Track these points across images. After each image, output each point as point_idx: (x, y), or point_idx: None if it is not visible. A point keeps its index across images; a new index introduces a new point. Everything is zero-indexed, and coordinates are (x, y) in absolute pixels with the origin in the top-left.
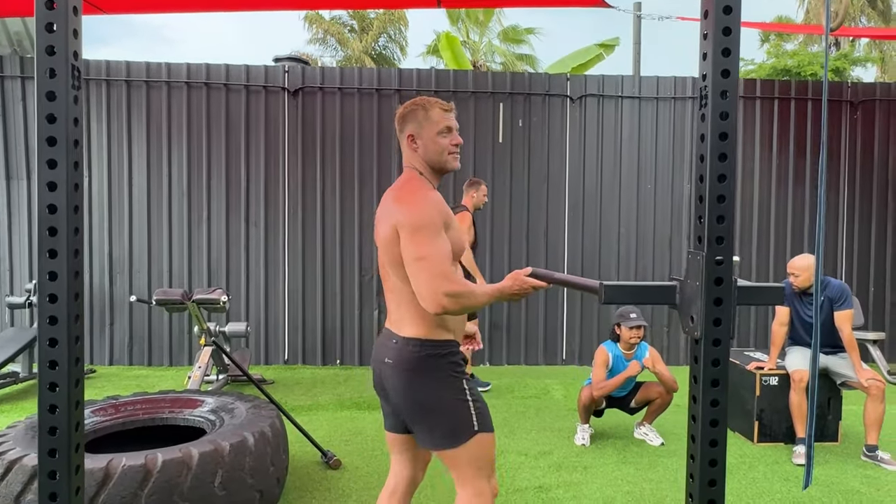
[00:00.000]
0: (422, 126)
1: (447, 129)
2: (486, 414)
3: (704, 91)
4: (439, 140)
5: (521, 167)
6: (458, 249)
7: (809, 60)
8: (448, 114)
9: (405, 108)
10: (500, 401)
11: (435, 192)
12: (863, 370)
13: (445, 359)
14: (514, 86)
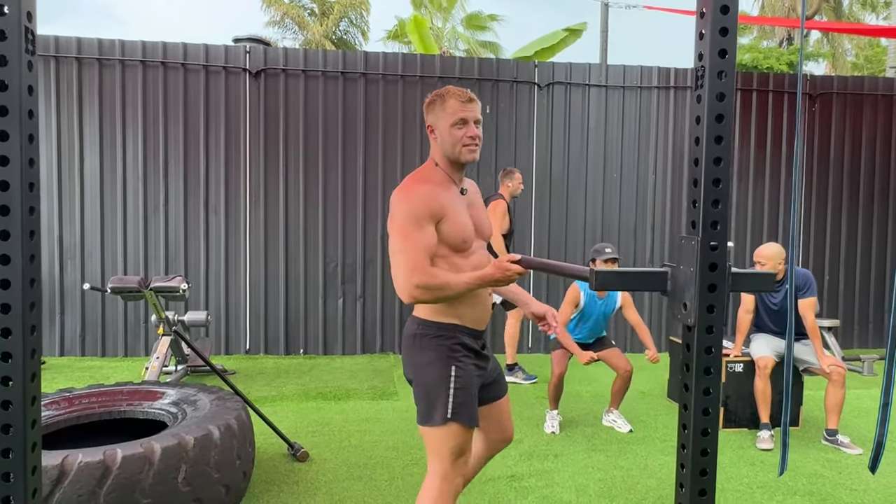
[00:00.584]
0: (438, 117)
1: (461, 120)
2: (466, 405)
3: (700, 72)
4: (453, 132)
5: (489, 154)
6: (455, 239)
7: (765, 55)
8: (465, 105)
9: (428, 99)
10: None
11: (428, 186)
12: (825, 356)
13: (438, 340)
14: (481, 72)
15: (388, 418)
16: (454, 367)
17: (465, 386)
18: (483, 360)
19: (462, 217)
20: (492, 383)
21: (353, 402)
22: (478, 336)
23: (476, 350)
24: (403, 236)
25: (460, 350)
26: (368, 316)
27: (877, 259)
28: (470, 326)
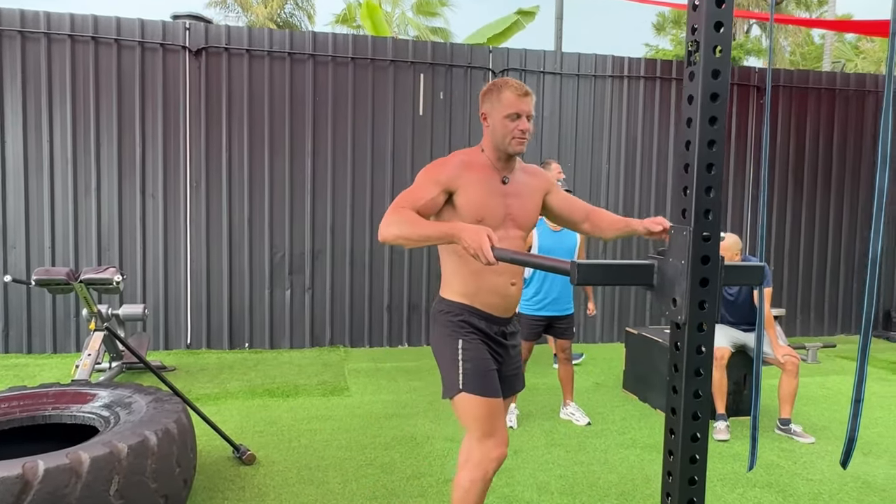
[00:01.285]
0: (493, 107)
1: (515, 114)
2: (477, 376)
3: (694, 46)
4: (506, 123)
5: (443, 141)
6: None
7: None
8: (521, 98)
9: (485, 87)
10: (423, 382)
11: (455, 159)
12: (780, 346)
13: (447, 316)
14: (435, 56)
15: (340, 415)
16: (460, 340)
17: (474, 359)
18: (499, 347)
19: (485, 198)
20: (510, 377)
21: (303, 399)
22: (494, 321)
23: (488, 334)
24: (413, 187)
25: (466, 327)
26: (317, 308)
27: (819, 249)
28: (483, 310)
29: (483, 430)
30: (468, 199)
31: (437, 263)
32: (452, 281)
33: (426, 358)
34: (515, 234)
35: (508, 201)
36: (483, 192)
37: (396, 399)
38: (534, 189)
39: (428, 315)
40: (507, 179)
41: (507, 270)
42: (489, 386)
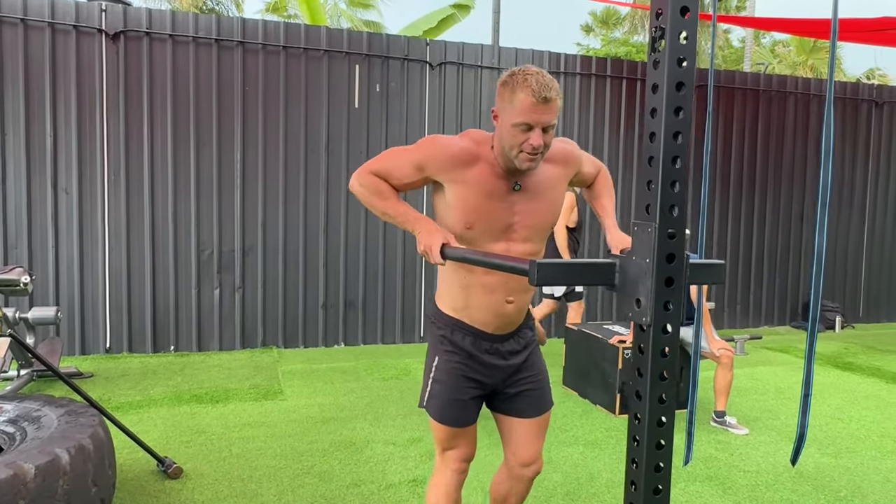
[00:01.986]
0: (503, 108)
1: (525, 125)
2: (438, 398)
3: (658, 33)
4: (514, 133)
5: (379, 135)
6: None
7: (638, 49)
8: (538, 105)
9: (504, 76)
10: (360, 384)
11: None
12: (715, 340)
13: (433, 327)
14: (371, 47)
15: (274, 421)
16: (437, 357)
17: (442, 381)
18: (488, 367)
19: (480, 203)
20: (514, 396)
21: (233, 405)
22: (486, 338)
23: (472, 354)
24: (392, 150)
25: (446, 344)
26: (248, 307)
27: (744, 244)
28: (472, 325)
29: (443, 446)
30: (458, 199)
31: (374, 260)
32: (443, 290)
33: (363, 358)
34: (521, 250)
35: (517, 208)
36: (478, 195)
37: (334, 402)
38: (556, 182)
39: (365, 313)
40: (519, 186)
41: (503, 287)
42: (450, 413)
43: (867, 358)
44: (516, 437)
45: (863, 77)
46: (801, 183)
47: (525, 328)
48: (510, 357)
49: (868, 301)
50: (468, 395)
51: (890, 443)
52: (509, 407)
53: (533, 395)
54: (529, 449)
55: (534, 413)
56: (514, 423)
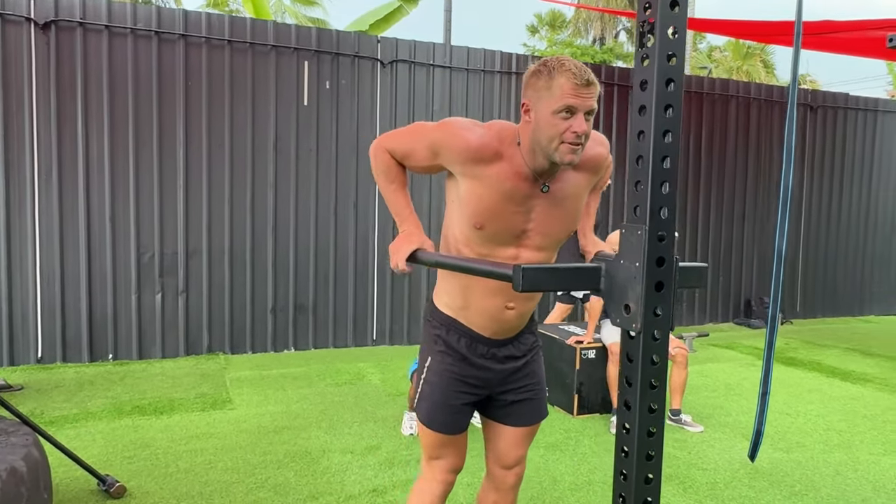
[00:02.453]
0: (540, 96)
1: (568, 108)
2: (428, 401)
3: (647, 27)
4: (555, 121)
5: (329, 133)
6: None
7: (582, 52)
8: (580, 89)
9: (533, 68)
10: (313, 390)
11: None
12: (670, 339)
13: (428, 325)
14: (320, 43)
15: (223, 432)
16: (430, 358)
17: (433, 382)
18: (484, 371)
19: (496, 205)
20: (512, 404)
21: (179, 416)
22: (482, 342)
23: (467, 357)
24: (414, 127)
25: (440, 344)
26: (193, 312)
27: (689, 242)
28: (469, 327)
29: (429, 454)
30: (472, 195)
31: (324, 261)
32: (442, 287)
33: (315, 362)
34: (533, 257)
35: (534, 214)
36: (495, 194)
37: (286, 410)
38: (581, 189)
39: (315, 316)
40: (548, 187)
41: (503, 292)
42: (439, 418)
43: (807, 353)
44: (503, 443)
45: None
46: (743, 183)
47: (527, 333)
48: (506, 361)
49: (804, 297)
50: (460, 401)
51: (836, 436)
52: (504, 414)
53: (530, 404)
54: (514, 452)
55: (527, 422)
56: (505, 431)
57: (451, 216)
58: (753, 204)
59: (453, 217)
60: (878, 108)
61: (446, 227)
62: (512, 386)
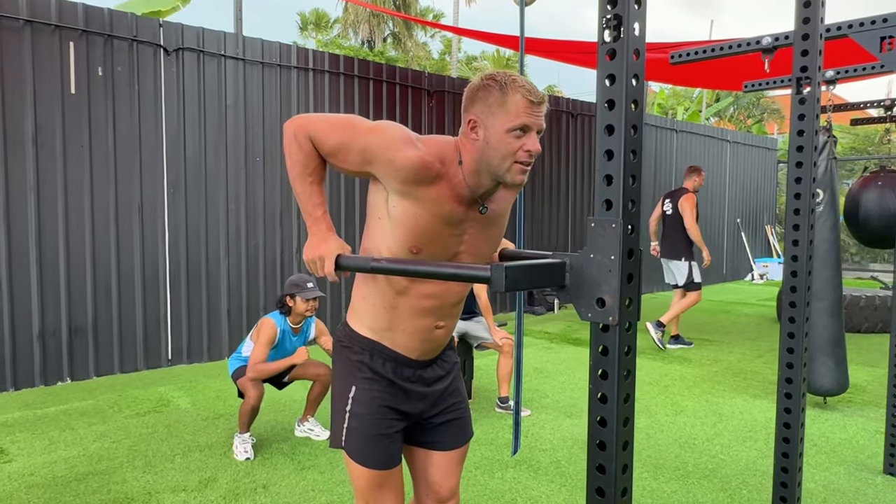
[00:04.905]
0: (493, 113)
1: (523, 127)
2: (361, 438)
3: (615, 22)
4: (508, 140)
5: (105, 128)
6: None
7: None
8: (534, 107)
9: (480, 81)
10: (112, 425)
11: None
12: (496, 331)
13: (346, 352)
14: (89, 22)
15: (6, 492)
16: (354, 388)
17: (361, 415)
18: (411, 395)
19: (433, 228)
20: (438, 426)
21: None
22: (408, 364)
23: (392, 381)
24: (348, 123)
25: (365, 370)
26: None
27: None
28: (393, 349)
29: (367, 499)
30: (407, 217)
31: (105, 272)
32: (360, 308)
33: (102, 392)
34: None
35: (466, 237)
36: (432, 217)
37: (84, 453)
38: (508, 206)
39: (97, 338)
40: (486, 209)
41: (435, 311)
42: (374, 452)
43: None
44: (435, 471)
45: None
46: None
47: (448, 349)
48: (434, 384)
49: None
50: (393, 429)
51: (637, 404)
52: (431, 439)
53: (457, 423)
54: (449, 481)
55: (457, 444)
56: (433, 457)
57: (376, 232)
58: (531, 203)
59: (380, 234)
60: None
61: (369, 240)
62: (441, 406)
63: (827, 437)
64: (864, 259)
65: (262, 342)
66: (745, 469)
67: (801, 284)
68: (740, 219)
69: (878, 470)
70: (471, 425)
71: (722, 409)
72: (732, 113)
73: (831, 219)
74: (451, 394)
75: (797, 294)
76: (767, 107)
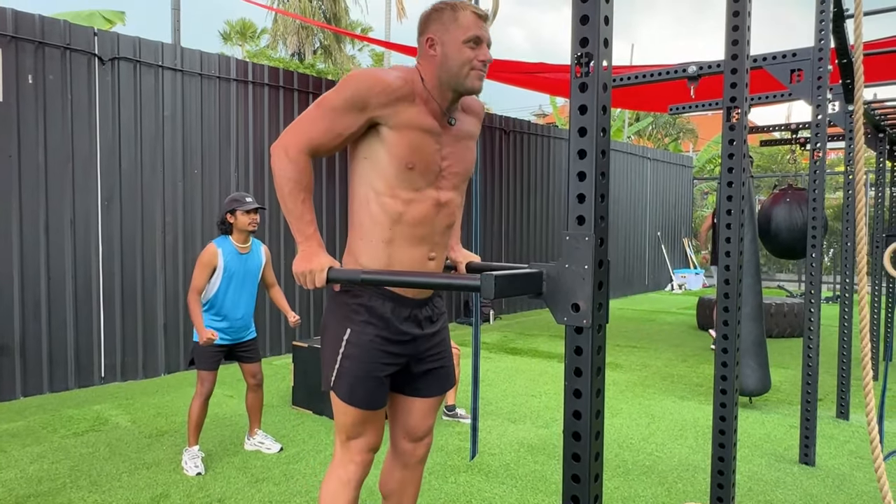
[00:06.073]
0: (447, 29)
1: (475, 39)
2: (350, 376)
3: (586, 59)
4: (464, 50)
5: (34, 137)
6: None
7: (285, 64)
8: (482, 22)
9: (430, 9)
10: (48, 446)
11: (386, 74)
12: None
13: (343, 297)
14: (18, 27)
15: None
16: (349, 330)
17: (354, 356)
18: (407, 338)
19: (421, 142)
20: (423, 374)
21: None
22: (404, 304)
23: (390, 322)
24: (320, 104)
25: (361, 313)
26: None
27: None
28: (394, 290)
29: (347, 434)
30: (399, 136)
31: (33, 287)
32: (358, 249)
33: (33, 413)
34: (449, 198)
35: (445, 152)
36: (418, 132)
37: (22, 475)
38: (473, 133)
39: (24, 357)
40: (455, 121)
41: (429, 241)
42: (361, 393)
43: (524, 342)
44: (412, 415)
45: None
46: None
47: (437, 297)
48: (427, 325)
49: None
50: (383, 372)
51: None
52: (414, 386)
53: (440, 372)
54: (426, 422)
55: (438, 392)
56: (415, 403)
57: (366, 174)
58: (466, 215)
59: (372, 172)
60: (550, 134)
61: (359, 186)
62: (428, 353)
63: (749, 433)
64: (770, 269)
65: (199, 265)
66: (679, 464)
67: (733, 292)
68: (660, 232)
69: (794, 460)
70: (453, 375)
71: (654, 410)
72: (651, 131)
73: (750, 231)
74: (438, 342)
75: (730, 300)
76: (683, 126)
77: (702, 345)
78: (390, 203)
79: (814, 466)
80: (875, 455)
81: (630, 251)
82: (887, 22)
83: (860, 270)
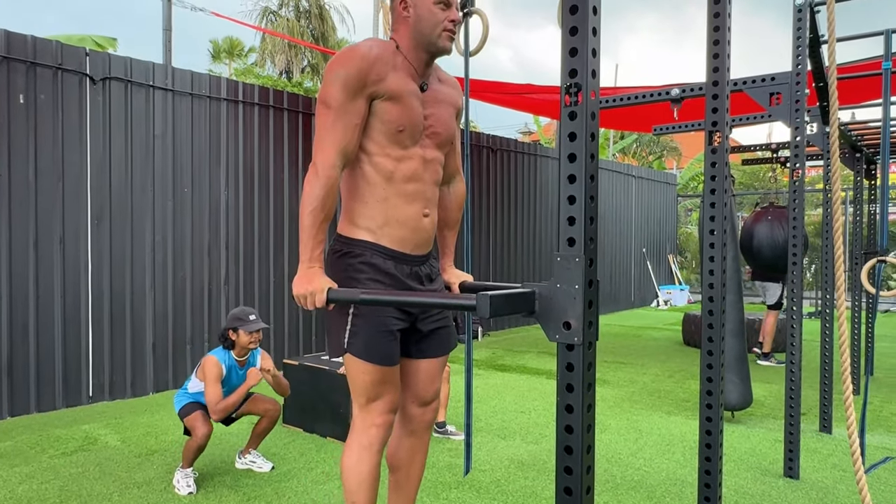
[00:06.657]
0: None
1: (446, 1)
2: (363, 334)
3: (575, 89)
4: (435, 11)
5: (25, 156)
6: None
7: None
8: None
9: None
10: (37, 466)
11: (365, 51)
12: None
13: (344, 259)
14: (10, 48)
15: None
16: (357, 288)
17: (365, 314)
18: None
19: (408, 104)
20: (426, 335)
21: None
22: (405, 261)
23: (397, 277)
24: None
25: (365, 271)
26: None
27: None
28: (390, 247)
29: (367, 397)
30: (393, 106)
31: (22, 309)
32: (355, 211)
33: (20, 433)
34: (433, 156)
35: (427, 111)
36: (409, 97)
37: (11, 495)
38: (450, 99)
39: (11, 377)
40: (426, 86)
41: (421, 197)
42: (378, 349)
43: (512, 359)
44: (420, 377)
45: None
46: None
47: (433, 258)
48: (427, 283)
49: None
50: (395, 326)
51: None
52: (419, 348)
53: (443, 332)
54: (434, 385)
55: (442, 352)
56: (421, 364)
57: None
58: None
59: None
60: (536, 152)
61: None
62: (430, 313)
63: (734, 447)
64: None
65: (211, 381)
66: (666, 479)
67: (717, 309)
68: (646, 248)
69: (779, 474)
70: (455, 336)
71: (641, 425)
72: (635, 150)
73: (732, 249)
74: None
75: (714, 317)
76: (667, 144)
77: (688, 360)
78: (382, 162)
79: (798, 480)
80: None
81: (616, 268)
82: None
83: (839, 287)
